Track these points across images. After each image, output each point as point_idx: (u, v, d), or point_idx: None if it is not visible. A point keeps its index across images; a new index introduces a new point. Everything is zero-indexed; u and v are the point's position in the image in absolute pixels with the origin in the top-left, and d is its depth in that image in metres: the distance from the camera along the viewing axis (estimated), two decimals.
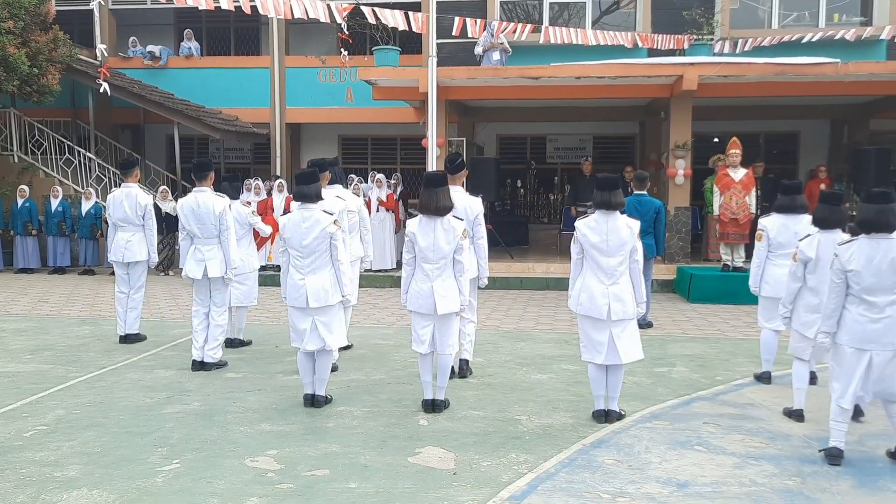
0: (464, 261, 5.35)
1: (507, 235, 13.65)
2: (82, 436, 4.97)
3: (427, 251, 5.27)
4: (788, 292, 5.34)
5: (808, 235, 5.23)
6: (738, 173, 10.44)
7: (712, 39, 13.70)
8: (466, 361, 6.48)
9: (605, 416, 5.26)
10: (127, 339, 7.87)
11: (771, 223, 6.16)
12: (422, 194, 5.32)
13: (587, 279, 5.20)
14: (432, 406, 5.44)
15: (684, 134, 12.13)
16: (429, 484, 4.18)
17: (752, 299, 10.00)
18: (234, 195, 7.63)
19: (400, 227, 13.55)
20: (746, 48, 13.74)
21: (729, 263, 10.67)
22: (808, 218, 5.99)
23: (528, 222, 15.96)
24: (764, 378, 6.35)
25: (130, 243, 7.84)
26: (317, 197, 5.50)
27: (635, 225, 5.20)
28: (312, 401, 5.61)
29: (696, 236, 13.20)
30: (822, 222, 5.15)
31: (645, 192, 8.58)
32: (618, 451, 4.68)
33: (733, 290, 10.34)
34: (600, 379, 5.27)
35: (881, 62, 12.49)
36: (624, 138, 16.77)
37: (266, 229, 8.30)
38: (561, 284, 11.84)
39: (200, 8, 11.44)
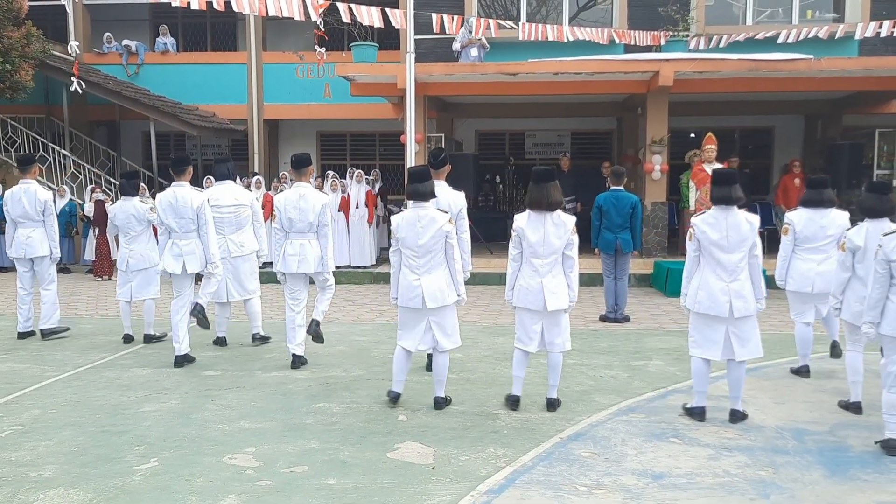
0: (574, 256, 5.26)
1: (486, 231, 13.69)
2: (59, 435, 4.94)
3: (537, 246, 5.20)
4: (838, 282, 5.31)
5: (857, 225, 5.24)
6: (714, 168, 10.53)
7: (688, 36, 13.82)
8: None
9: (730, 416, 5.14)
10: (44, 334, 7.91)
11: (797, 217, 6.17)
12: (531, 189, 5.25)
13: (706, 276, 5.10)
14: (549, 404, 5.43)
15: (661, 129, 12.25)
16: (408, 479, 4.20)
17: None
18: (133, 192, 7.87)
19: (379, 223, 13.55)
20: (721, 44, 13.87)
21: None
22: (835, 212, 6.07)
23: (507, 218, 16.01)
24: (802, 372, 6.29)
25: (31, 239, 7.80)
26: (431, 195, 5.36)
27: (755, 220, 5.10)
28: (397, 399, 5.51)
29: (673, 231, 13.33)
30: (870, 211, 5.16)
31: (622, 188, 8.66)
32: (594, 444, 4.74)
33: None
34: (705, 374, 5.21)
35: (853, 58, 12.67)
36: (601, 134, 16.87)
37: None
38: None
39: (174, 4, 11.34)
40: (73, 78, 14.11)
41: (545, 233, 5.19)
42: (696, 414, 5.20)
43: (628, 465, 4.39)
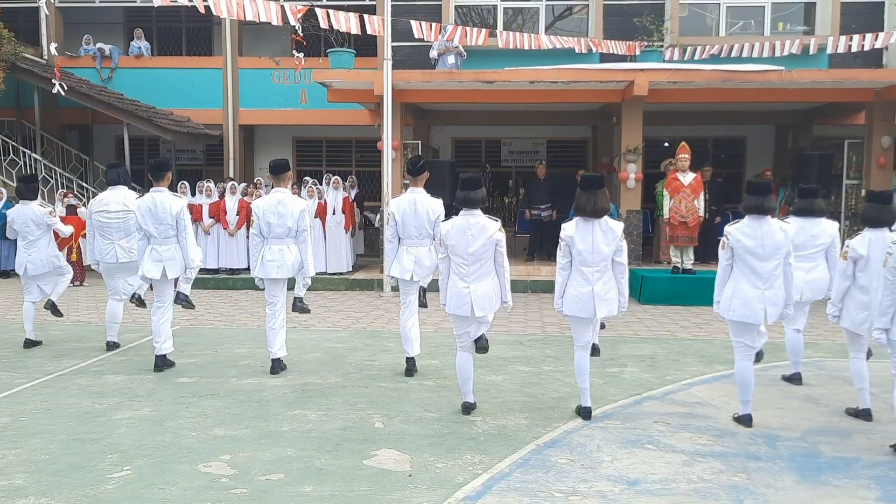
0: (624, 262, 5.26)
1: None
2: (29, 443, 4.86)
3: (586, 254, 5.18)
4: (838, 291, 5.40)
5: (859, 234, 5.33)
6: (687, 177, 10.67)
7: (662, 46, 13.97)
8: (413, 359, 6.62)
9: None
10: None
11: (790, 227, 6.24)
12: (578, 196, 5.22)
13: (740, 284, 5.17)
14: (589, 413, 5.42)
15: (635, 138, 12.37)
16: (384, 486, 4.19)
17: (701, 300, 10.37)
18: (31, 196, 7.78)
19: (356, 230, 13.53)
20: (695, 55, 14.05)
21: (678, 265, 10.89)
22: (825, 221, 6.14)
23: None
24: (795, 379, 6.32)
25: None
26: (482, 202, 5.31)
27: (789, 228, 5.20)
28: (471, 410, 5.51)
29: (648, 239, 13.45)
30: (872, 221, 5.26)
31: None
32: (570, 451, 4.76)
33: (683, 291, 10.58)
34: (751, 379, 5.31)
35: (823, 70, 12.90)
36: (577, 142, 16.98)
37: (66, 230, 8.25)
38: (516, 287, 11.91)
39: (156, 4, 11.21)
40: (53, 80, 13.90)
41: (594, 240, 5.18)
42: (743, 421, 5.27)
43: (604, 472, 4.42)
